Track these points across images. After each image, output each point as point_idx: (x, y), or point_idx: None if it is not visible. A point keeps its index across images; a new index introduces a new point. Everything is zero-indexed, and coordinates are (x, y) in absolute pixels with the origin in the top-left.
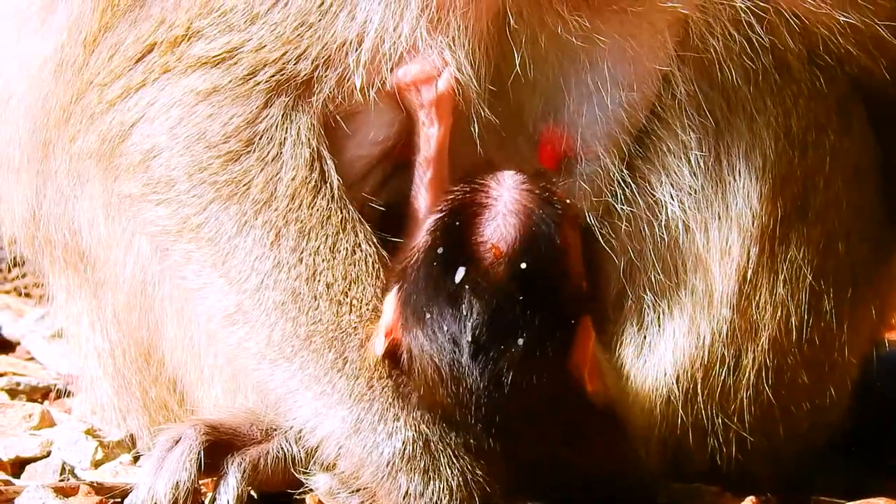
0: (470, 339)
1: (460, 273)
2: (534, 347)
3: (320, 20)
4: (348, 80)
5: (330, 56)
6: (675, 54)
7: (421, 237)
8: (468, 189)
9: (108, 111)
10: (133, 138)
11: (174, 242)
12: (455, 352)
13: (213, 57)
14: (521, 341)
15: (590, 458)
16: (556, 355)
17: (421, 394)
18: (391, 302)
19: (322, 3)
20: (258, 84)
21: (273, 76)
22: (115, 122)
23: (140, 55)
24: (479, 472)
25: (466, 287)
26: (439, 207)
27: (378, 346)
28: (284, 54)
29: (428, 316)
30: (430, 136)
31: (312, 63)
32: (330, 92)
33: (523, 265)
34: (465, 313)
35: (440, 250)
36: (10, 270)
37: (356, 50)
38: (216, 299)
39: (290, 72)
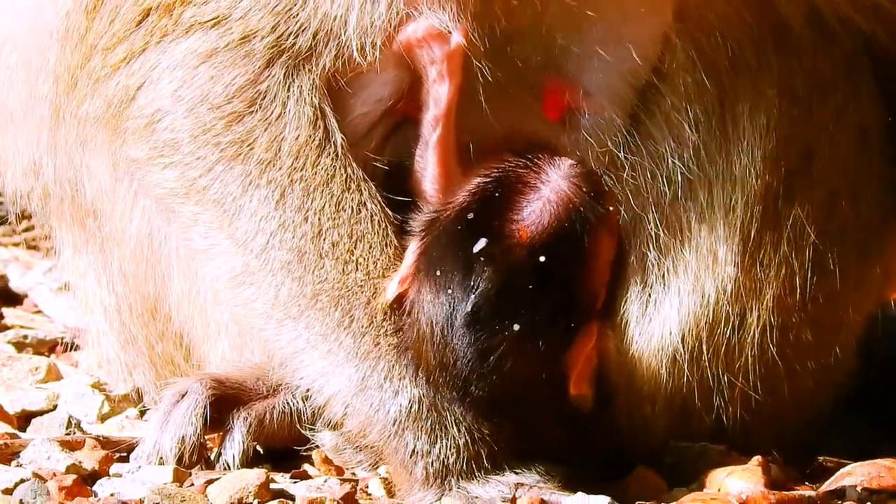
0: (468, 310)
1: (481, 244)
2: (527, 338)
3: None
4: (347, 46)
5: (327, 26)
6: (675, 12)
7: (460, 195)
8: (522, 164)
9: (112, 75)
10: (138, 102)
11: (181, 205)
12: (451, 317)
13: (206, 21)
14: (516, 327)
15: (573, 437)
16: (548, 352)
17: (411, 347)
18: (412, 250)
19: None
20: (255, 48)
21: (271, 46)
22: (119, 86)
23: (139, 18)
24: (485, 431)
25: (482, 259)
26: (488, 172)
27: (390, 290)
28: (276, 25)
29: (438, 273)
30: (439, 93)
31: (313, 36)
32: (330, 56)
33: (542, 258)
34: (471, 284)
35: (471, 215)
36: (18, 223)
37: (354, 12)
38: (223, 260)
39: (285, 43)
